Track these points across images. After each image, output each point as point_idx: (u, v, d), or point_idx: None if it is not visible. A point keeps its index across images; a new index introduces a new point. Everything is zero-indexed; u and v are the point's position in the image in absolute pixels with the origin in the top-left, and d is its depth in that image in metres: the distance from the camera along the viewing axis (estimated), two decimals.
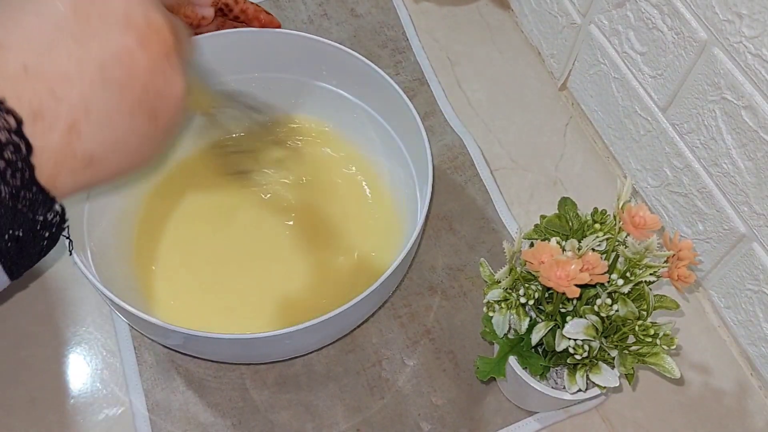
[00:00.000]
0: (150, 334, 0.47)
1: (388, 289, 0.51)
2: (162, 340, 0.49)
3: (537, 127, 0.67)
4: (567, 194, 0.62)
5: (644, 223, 0.39)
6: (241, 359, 0.51)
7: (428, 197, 0.47)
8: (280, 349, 0.48)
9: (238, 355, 0.48)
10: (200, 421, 0.50)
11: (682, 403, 0.53)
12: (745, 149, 0.48)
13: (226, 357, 0.49)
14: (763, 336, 0.52)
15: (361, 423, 0.51)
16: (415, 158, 0.54)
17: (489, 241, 0.59)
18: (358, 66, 0.54)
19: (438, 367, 0.53)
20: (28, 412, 0.50)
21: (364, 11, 0.72)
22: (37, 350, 0.53)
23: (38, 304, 0.55)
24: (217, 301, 0.53)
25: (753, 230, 0.50)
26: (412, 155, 0.55)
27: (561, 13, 0.65)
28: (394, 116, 0.55)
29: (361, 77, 0.55)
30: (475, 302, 0.56)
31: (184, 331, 0.41)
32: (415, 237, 0.46)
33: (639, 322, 0.41)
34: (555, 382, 0.47)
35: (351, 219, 0.58)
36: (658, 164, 0.58)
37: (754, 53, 0.44)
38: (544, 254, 0.39)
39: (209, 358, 0.52)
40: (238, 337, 0.42)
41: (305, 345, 0.49)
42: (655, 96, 0.56)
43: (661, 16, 0.52)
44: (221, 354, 0.48)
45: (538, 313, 0.45)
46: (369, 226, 0.57)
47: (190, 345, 0.46)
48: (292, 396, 0.52)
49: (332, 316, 0.42)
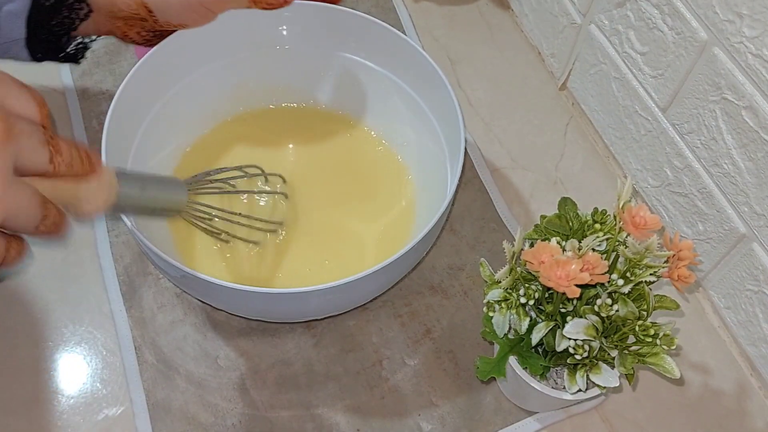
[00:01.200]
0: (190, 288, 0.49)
1: (424, 248, 0.52)
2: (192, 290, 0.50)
3: (537, 127, 0.67)
4: (567, 194, 0.62)
5: (644, 223, 0.39)
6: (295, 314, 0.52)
7: (461, 162, 0.48)
8: (333, 303, 0.49)
9: (294, 310, 0.49)
10: (200, 421, 0.50)
11: (682, 403, 0.53)
12: (745, 149, 0.48)
13: (278, 314, 0.50)
14: (763, 336, 0.52)
15: (361, 423, 0.51)
16: (446, 131, 0.55)
17: (489, 241, 0.59)
18: (388, 38, 0.55)
19: (438, 366, 0.53)
20: (28, 412, 0.50)
21: (364, 10, 0.72)
22: (36, 350, 0.53)
23: (38, 303, 0.55)
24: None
25: (753, 230, 0.50)
26: (443, 128, 0.55)
27: (561, 12, 0.65)
28: (425, 89, 0.56)
29: (391, 49, 0.56)
30: (476, 302, 0.56)
31: (224, 284, 0.42)
32: (448, 200, 0.47)
33: (639, 322, 0.41)
34: (555, 382, 0.47)
35: (380, 191, 0.59)
36: (659, 164, 0.58)
37: (755, 53, 0.44)
38: (545, 254, 0.39)
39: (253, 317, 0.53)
40: (291, 291, 0.43)
41: (351, 299, 0.51)
42: (655, 96, 0.56)
43: (661, 16, 0.52)
44: (271, 311, 0.49)
45: (538, 313, 0.45)
46: (396, 197, 0.59)
47: (227, 299, 0.47)
48: (292, 396, 0.52)
49: (378, 269, 0.43)
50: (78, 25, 0.49)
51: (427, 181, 0.58)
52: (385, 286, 0.52)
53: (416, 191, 0.59)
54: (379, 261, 0.44)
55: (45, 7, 0.47)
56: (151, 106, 0.54)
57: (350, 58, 0.59)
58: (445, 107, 0.53)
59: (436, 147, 0.56)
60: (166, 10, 0.50)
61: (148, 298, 0.55)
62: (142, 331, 0.53)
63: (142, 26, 0.51)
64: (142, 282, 0.55)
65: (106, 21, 0.51)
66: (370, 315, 0.55)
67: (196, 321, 0.54)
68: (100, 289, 0.55)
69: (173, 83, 0.56)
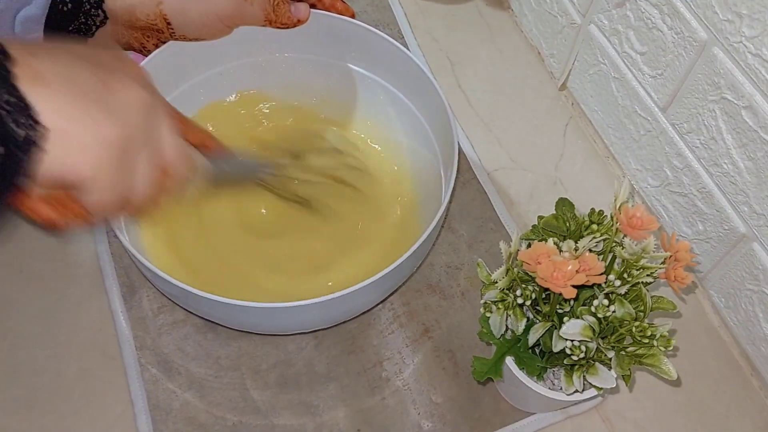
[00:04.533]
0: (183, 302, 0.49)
1: (419, 258, 0.52)
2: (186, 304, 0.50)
3: (537, 127, 0.67)
4: (567, 194, 0.62)
5: (641, 224, 0.39)
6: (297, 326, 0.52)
7: (455, 169, 0.49)
8: (324, 316, 0.49)
9: (299, 321, 0.49)
10: (200, 421, 0.50)
11: (682, 403, 0.53)
12: (745, 149, 0.48)
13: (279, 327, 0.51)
14: (763, 336, 0.52)
15: (362, 423, 0.51)
16: (439, 137, 0.55)
17: (488, 241, 0.59)
18: (384, 46, 0.55)
19: (437, 365, 0.53)
20: (28, 412, 0.50)
21: (360, 9, 0.72)
22: (37, 350, 0.53)
23: (38, 303, 0.55)
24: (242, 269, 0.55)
25: (753, 230, 0.50)
26: (436, 134, 0.55)
27: (561, 12, 0.65)
28: (419, 97, 0.56)
29: (386, 57, 0.56)
30: (474, 301, 0.56)
31: (215, 299, 0.43)
32: (443, 209, 0.47)
33: (636, 323, 0.41)
34: (552, 383, 0.47)
35: (375, 197, 0.59)
36: (658, 164, 0.58)
37: (754, 53, 0.44)
38: (541, 255, 0.39)
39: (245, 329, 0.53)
40: (294, 304, 0.43)
41: (341, 313, 0.51)
42: (655, 96, 0.56)
43: (661, 15, 0.52)
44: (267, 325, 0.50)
45: (535, 313, 0.45)
46: (391, 205, 0.58)
47: (216, 312, 0.47)
48: (293, 396, 0.52)
49: (373, 281, 0.43)
50: (95, 32, 0.50)
51: (422, 188, 0.58)
52: (382, 295, 0.52)
53: (412, 197, 0.58)
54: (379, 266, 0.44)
55: (62, 12, 0.48)
56: None
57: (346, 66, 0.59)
58: (437, 114, 0.53)
59: (430, 154, 0.56)
60: (185, 25, 0.51)
61: (149, 298, 0.55)
62: (142, 331, 0.54)
63: (159, 38, 0.52)
64: (142, 282, 0.56)
65: (124, 31, 0.51)
66: (370, 315, 0.55)
67: (197, 321, 0.54)
68: (100, 289, 0.56)
69: (171, 89, 0.56)
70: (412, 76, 0.55)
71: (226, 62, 0.58)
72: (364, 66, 0.58)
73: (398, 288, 0.56)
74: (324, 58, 0.59)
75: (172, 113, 0.37)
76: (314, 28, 0.56)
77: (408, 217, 0.58)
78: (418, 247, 0.45)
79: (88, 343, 0.54)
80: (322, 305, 0.43)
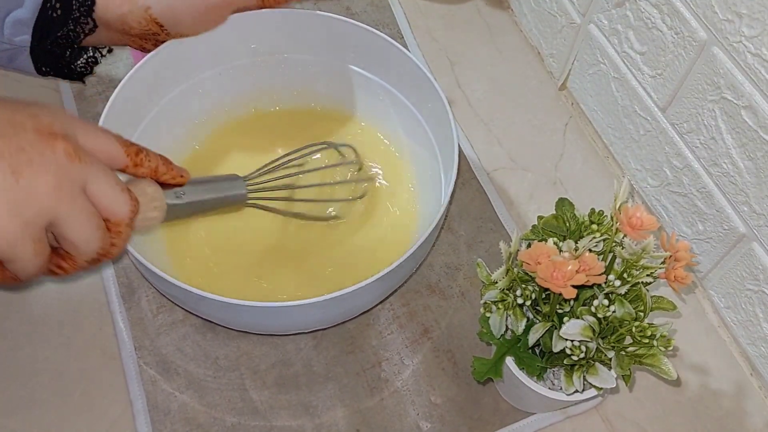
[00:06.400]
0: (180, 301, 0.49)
1: (418, 259, 0.52)
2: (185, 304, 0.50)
3: (537, 127, 0.67)
4: (567, 194, 0.62)
5: (641, 224, 0.39)
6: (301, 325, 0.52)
7: (455, 169, 0.49)
8: (332, 313, 0.49)
9: (301, 320, 0.49)
10: (200, 422, 0.50)
11: (682, 403, 0.53)
12: (744, 149, 0.48)
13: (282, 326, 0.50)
14: (763, 336, 0.52)
15: (361, 423, 0.51)
16: (439, 138, 0.55)
17: (487, 241, 0.59)
18: (384, 47, 0.55)
19: (437, 366, 0.53)
20: (28, 412, 0.50)
21: (360, 9, 0.72)
22: (37, 350, 0.53)
23: (38, 304, 0.55)
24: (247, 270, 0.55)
25: (753, 230, 0.50)
26: (436, 134, 0.55)
27: (560, 12, 0.65)
28: (419, 97, 0.56)
29: (386, 58, 0.56)
30: (473, 302, 0.56)
31: (216, 298, 0.42)
32: (442, 211, 0.47)
33: (636, 323, 0.41)
34: (552, 383, 0.47)
35: (373, 198, 0.58)
36: (658, 164, 0.58)
37: (754, 53, 0.44)
38: (541, 255, 0.39)
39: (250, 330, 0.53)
40: (294, 303, 0.43)
41: (345, 311, 0.50)
42: (654, 96, 0.56)
43: (660, 15, 0.52)
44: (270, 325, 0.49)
45: (535, 313, 0.45)
46: (391, 205, 0.58)
47: (219, 312, 0.47)
48: (292, 396, 0.52)
49: (372, 281, 0.43)
50: (83, 40, 0.50)
51: (422, 188, 0.58)
52: (381, 296, 0.52)
53: (412, 197, 0.58)
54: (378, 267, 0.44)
55: (51, 18, 0.48)
56: (147, 111, 0.54)
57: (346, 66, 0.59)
58: (437, 115, 0.53)
59: (429, 154, 0.56)
60: (178, 23, 0.51)
61: (148, 298, 0.55)
62: (141, 332, 0.54)
63: (156, 39, 0.52)
64: (141, 283, 0.56)
65: (121, 37, 0.52)
66: (369, 316, 0.55)
67: (195, 322, 0.54)
68: (100, 290, 0.56)
69: (170, 89, 0.56)
70: (412, 76, 0.55)
71: (225, 62, 0.58)
72: (363, 66, 0.58)
73: (398, 288, 0.56)
74: (324, 58, 0.59)
75: (108, 151, 0.37)
76: (314, 28, 0.56)
77: (407, 218, 0.58)
78: (418, 248, 0.45)
79: (87, 343, 0.54)
80: (321, 305, 0.43)
